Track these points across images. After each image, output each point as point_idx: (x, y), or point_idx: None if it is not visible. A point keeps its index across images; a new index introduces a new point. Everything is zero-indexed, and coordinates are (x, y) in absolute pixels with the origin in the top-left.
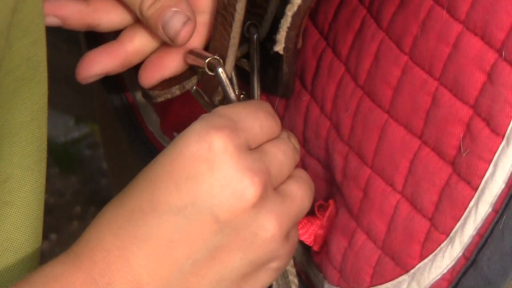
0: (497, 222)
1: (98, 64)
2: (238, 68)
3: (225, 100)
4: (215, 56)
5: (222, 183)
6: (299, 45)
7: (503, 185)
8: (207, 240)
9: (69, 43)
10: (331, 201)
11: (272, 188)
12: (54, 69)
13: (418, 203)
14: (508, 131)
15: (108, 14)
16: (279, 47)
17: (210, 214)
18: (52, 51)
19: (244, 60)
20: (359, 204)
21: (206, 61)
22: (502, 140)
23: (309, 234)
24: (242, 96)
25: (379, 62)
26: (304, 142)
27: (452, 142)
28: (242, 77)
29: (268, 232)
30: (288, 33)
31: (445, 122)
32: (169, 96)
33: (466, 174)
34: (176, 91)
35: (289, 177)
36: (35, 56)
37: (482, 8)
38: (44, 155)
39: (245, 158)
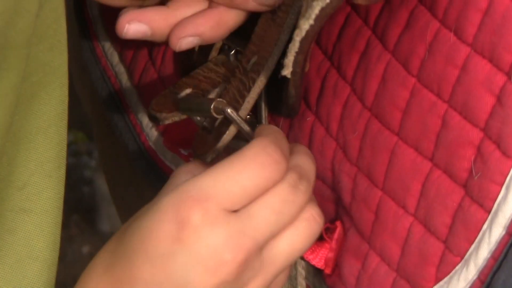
0: (511, 245)
1: (192, 24)
2: None
3: (242, 134)
4: (218, 99)
5: (196, 262)
6: (307, 68)
7: None
8: None
9: None
10: (338, 223)
11: (257, 255)
12: None
13: (432, 226)
14: None
15: (189, 8)
16: (286, 71)
17: None
18: None
19: None
20: (371, 226)
21: (212, 106)
22: None
23: (320, 257)
24: (248, 117)
25: (387, 83)
26: None
27: (464, 165)
28: None
29: (229, 253)
30: (296, 58)
31: (456, 144)
32: (176, 118)
33: (479, 196)
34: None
35: (283, 234)
36: (52, 61)
37: (490, 31)
38: (63, 161)
39: (220, 232)
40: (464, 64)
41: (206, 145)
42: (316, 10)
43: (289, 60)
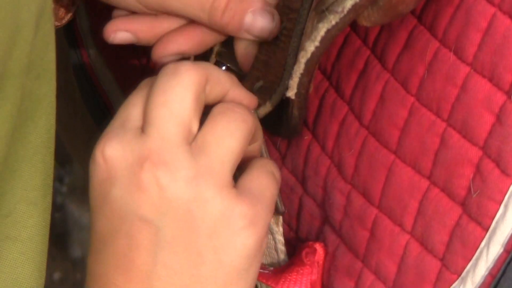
0: (509, 263)
1: (173, 43)
2: None
3: None
4: None
5: (128, 188)
6: (311, 90)
7: None
8: (150, 251)
9: None
10: (316, 246)
11: (179, 147)
12: None
13: (429, 244)
14: None
15: (176, 20)
16: (291, 93)
17: (139, 221)
18: None
19: None
20: (366, 244)
21: None
22: None
23: (305, 284)
24: None
25: (385, 102)
26: (303, 181)
27: (462, 183)
28: None
29: (198, 201)
30: (301, 79)
31: (455, 163)
32: None
33: (477, 214)
34: None
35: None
36: (38, 90)
37: (490, 50)
38: (49, 189)
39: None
40: (463, 83)
41: None
42: (321, 32)
43: (294, 81)
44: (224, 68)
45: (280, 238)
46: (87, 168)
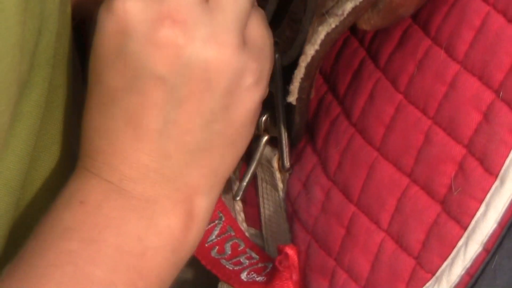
0: (488, 262)
1: None
2: None
3: None
4: None
5: (145, 44)
6: (312, 95)
7: (495, 225)
8: (162, 109)
9: None
10: (287, 249)
11: (197, 6)
12: None
13: (404, 242)
14: (502, 171)
15: None
16: (292, 98)
17: (153, 78)
18: None
19: None
20: (341, 241)
21: None
22: (496, 179)
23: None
24: None
25: (374, 100)
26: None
27: (443, 181)
28: None
29: (216, 60)
30: (301, 84)
31: (437, 160)
32: None
33: (457, 213)
34: None
35: None
36: (56, 80)
37: (481, 49)
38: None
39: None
40: (452, 81)
41: None
42: (321, 35)
43: (295, 86)
44: None
45: (283, 195)
46: None
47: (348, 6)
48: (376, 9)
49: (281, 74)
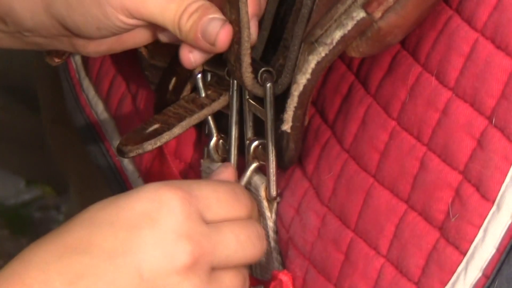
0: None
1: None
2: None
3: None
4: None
5: (157, 241)
6: (306, 122)
7: (494, 250)
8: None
9: (22, 104)
10: (282, 275)
11: (207, 267)
12: (5, 130)
13: (404, 267)
14: (498, 197)
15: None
16: (286, 126)
17: (137, 269)
18: (4, 111)
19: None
20: (340, 267)
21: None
22: (492, 205)
23: None
24: (221, 141)
25: (366, 126)
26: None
27: (440, 207)
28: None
29: None
30: (295, 112)
31: (433, 187)
32: (140, 151)
33: (455, 238)
34: (147, 146)
35: (233, 268)
36: None
37: (472, 75)
38: None
39: (190, 226)
40: (445, 108)
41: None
42: (312, 64)
43: (289, 115)
44: (199, 75)
45: (271, 224)
46: (83, 196)
47: (337, 35)
48: (365, 37)
49: (272, 104)
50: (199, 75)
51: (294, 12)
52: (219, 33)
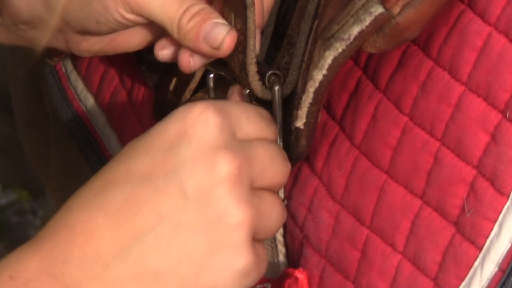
0: (504, 282)
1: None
2: None
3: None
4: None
5: (196, 155)
6: (319, 119)
7: (509, 245)
8: (172, 215)
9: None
10: (297, 273)
11: (248, 180)
12: None
13: (421, 263)
14: None
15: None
16: (300, 123)
17: (179, 187)
18: None
19: None
20: (357, 264)
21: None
22: (507, 200)
23: None
24: None
25: (377, 122)
26: (288, 199)
27: (455, 202)
28: None
29: (233, 219)
30: (309, 109)
31: (448, 182)
32: None
33: (471, 233)
34: None
35: (269, 190)
36: None
37: (485, 70)
38: None
39: (225, 139)
40: (458, 103)
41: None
42: (328, 60)
43: (303, 111)
44: (211, 75)
45: (280, 238)
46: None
47: (355, 30)
48: (382, 32)
49: (281, 106)
50: (211, 75)
51: (299, 8)
52: (226, 38)
